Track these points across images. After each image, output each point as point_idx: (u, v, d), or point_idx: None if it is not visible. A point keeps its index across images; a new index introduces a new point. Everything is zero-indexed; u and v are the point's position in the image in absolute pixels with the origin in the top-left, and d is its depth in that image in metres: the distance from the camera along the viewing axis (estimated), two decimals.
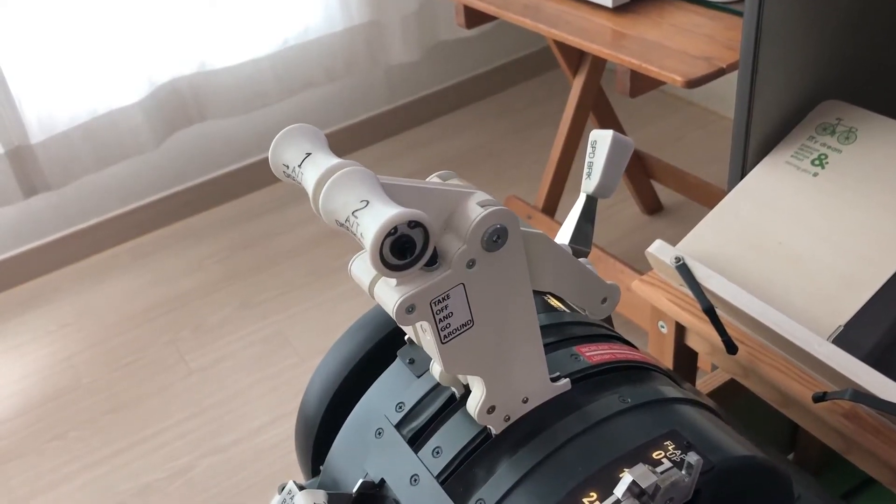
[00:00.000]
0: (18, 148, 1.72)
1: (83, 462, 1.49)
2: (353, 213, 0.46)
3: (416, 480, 0.57)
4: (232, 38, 1.86)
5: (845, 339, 0.76)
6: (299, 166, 0.51)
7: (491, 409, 0.55)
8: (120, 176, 1.94)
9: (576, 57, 1.57)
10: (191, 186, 2.05)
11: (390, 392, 0.62)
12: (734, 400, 0.99)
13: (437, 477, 0.56)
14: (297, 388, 1.57)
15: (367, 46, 2.03)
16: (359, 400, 0.64)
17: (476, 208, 0.50)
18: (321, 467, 0.65)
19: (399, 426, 0.60)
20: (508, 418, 0.56)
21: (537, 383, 0.57)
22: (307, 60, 1.98)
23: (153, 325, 1.76)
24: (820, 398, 0.73)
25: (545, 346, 0.60)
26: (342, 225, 0.47)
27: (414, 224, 0.46)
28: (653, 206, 1.89)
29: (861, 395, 0.70)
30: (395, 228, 0.45)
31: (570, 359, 0.61)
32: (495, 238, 0.50)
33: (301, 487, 0.59)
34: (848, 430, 0.75)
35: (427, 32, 2.11)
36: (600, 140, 0.68)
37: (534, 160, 2.10)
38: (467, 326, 0.52)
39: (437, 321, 0.51)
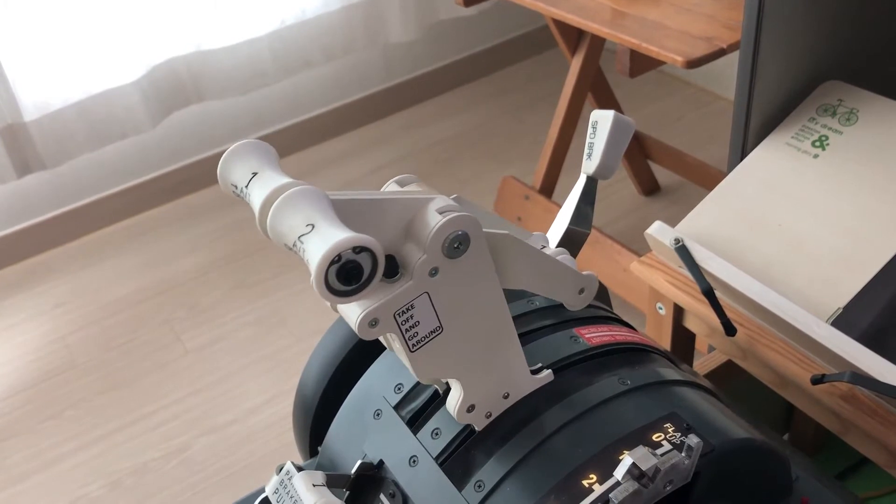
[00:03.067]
0: (12, 126, 1.70)
1: (79, 441, 1.49)
2: (299, 237, 0.44)
3: (415, 462, 0.56)
4: (229, 18, 1.84)
5: (844, 321, 0.76)
6: (246, 187, 0.48)
7: (471, 408, 0.54)
8: (114, 155, 1.93)
9: (574, 36, 1.56)
10: (185, 165, 2.04)
11: (389, 373, 0.62)
12: (730, 381, 0.99)
13: (437, 458, 0.55)
14: (293, 368, 1.57)
15: (365, 26, 2.02)
16: (357, 381, 0.64)
17: (435, 216, 0.48)
18: (319, 448, 0.65)
19: (398, 407, 0.60)
20: (490, 415, 0.55)
21: (517, 378, 0.56)
22: (305, 40, 1.96)
23: (148, 305, 1.76)
24: (818, 380, 0.73)
25: (544, 328, 0.60)
26: (291, 249, 0.45)
27: (359, 249, 0.43)
28: (650, 187, 1.89)
29: (860, 378, 0.70)
30: (339, 256, 0.43)
31: (569, 341, 0.60)
32: (457, 245, 0.49)
33: (299, 468, 0.58)
34: (845, 412, 0.75)
35: (425, 11, 2.09)
36: (601, 120, 0.67)
37: (532, 140, 2.09)
38: (436, 333, 0.51)
39: (404, 331, 0.49)
